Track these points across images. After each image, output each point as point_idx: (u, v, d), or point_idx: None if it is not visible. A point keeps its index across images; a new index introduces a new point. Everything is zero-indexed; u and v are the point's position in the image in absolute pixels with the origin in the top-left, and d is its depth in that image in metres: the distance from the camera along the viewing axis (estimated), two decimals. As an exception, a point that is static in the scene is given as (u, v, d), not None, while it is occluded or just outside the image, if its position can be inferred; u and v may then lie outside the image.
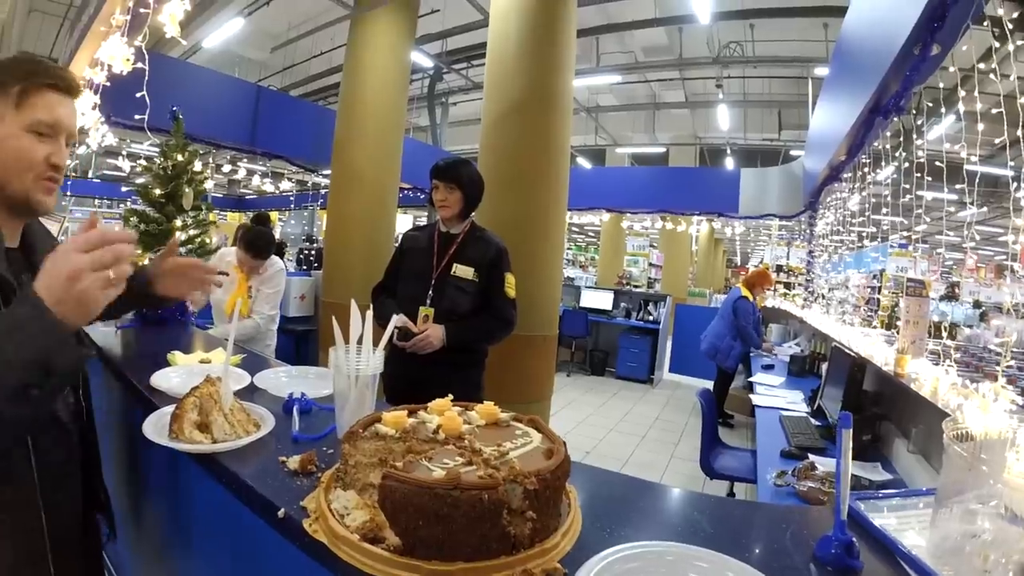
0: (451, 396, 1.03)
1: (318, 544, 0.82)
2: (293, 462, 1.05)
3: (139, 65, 3.46)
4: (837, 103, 5.47)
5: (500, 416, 0.99)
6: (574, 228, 25.32)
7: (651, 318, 9.07)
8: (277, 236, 7.28)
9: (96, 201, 15.54)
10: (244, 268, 3.27)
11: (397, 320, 1.54)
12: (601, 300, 9.57)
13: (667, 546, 0.81)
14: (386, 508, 0.76)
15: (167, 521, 1.57)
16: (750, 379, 5.29)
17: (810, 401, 4.00)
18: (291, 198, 17.22)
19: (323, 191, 14.38)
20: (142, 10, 3.55)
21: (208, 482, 1.18)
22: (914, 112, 4.01)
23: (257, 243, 3.20)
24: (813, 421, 3.47)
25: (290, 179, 16.05)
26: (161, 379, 1.56)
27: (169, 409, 1.24)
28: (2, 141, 1.06)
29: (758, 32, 10.09)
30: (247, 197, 21.89)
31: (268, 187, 15.74)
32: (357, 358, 1.19)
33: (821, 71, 9.20)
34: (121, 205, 13.03)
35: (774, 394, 4.40)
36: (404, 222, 13.76)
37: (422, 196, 11.87)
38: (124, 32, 3.70)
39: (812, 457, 2.69)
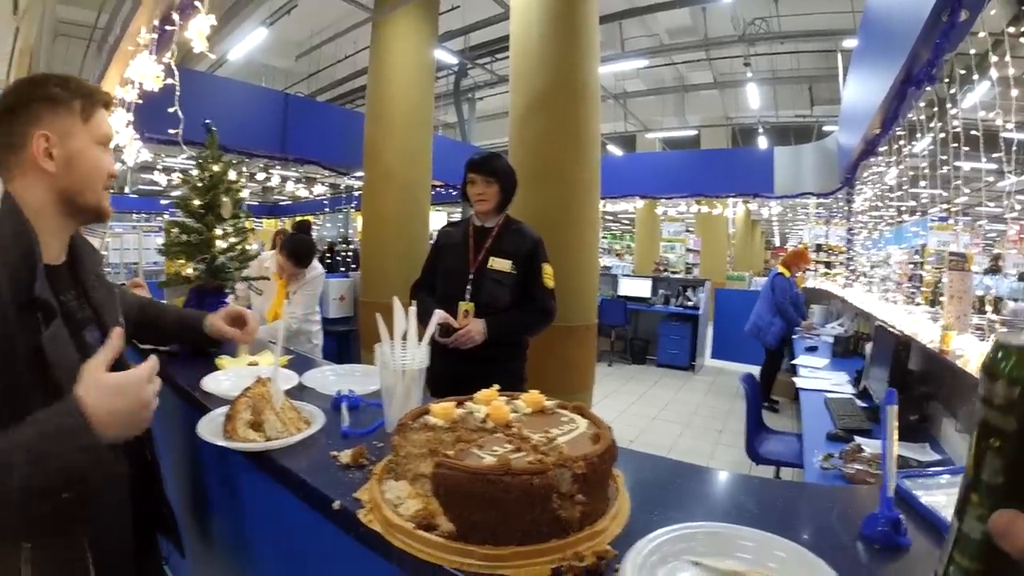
0: (497, 387, 1.04)
1: (373, 533, 0.84)
2: (345, 456, 1.07)
3: (169, 81, 3.55)
4: (868, 75, 5.35)
5: (545, 404, 1.00)
6: (608, 216, 25.15)
7: (690, 304, 8.98)
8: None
9: (134, 215, 15.91)
10: (284, 274, 3.33)
11: (438, 316, 1.55)
12: (639, 288, 9.50)
13: (715, 526, 0.81)
14: (440, 495, 0.77)
15: (223, 524, 1.60)
16: (793, 361, 5.22)
17: (855, 382, 3.95)
18: (325, 202, 17.45)
19: (356, 193, 14.53)
20: (168, 27, 3.63)
21: (262, 481, 1.21)
22: (947, 81, 3.90)
23: (299, 251, 3.28)
24: (859, 403, 3.42)
25: (323, 183, 16.25)
26: (211, 382, 1.59)
27: (221, 411, 1.27)
28: (80, 153, 1.14)
29: (783, 6, 9.87)
30: (281, 203, 22.24)
31: (302, 192, 15.96)
32: (403, 353, 1.21)
33: (850, 43, 8.95)
34: (158, 218, 13.37)
35: (818, 376, 4.35)
36: (437, 219, 13.85)
37: (454, 193, 11.92)
38: (152, 50, 3.79)
39: (858, 439, 2.66)
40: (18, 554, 0.98)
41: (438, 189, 10.67)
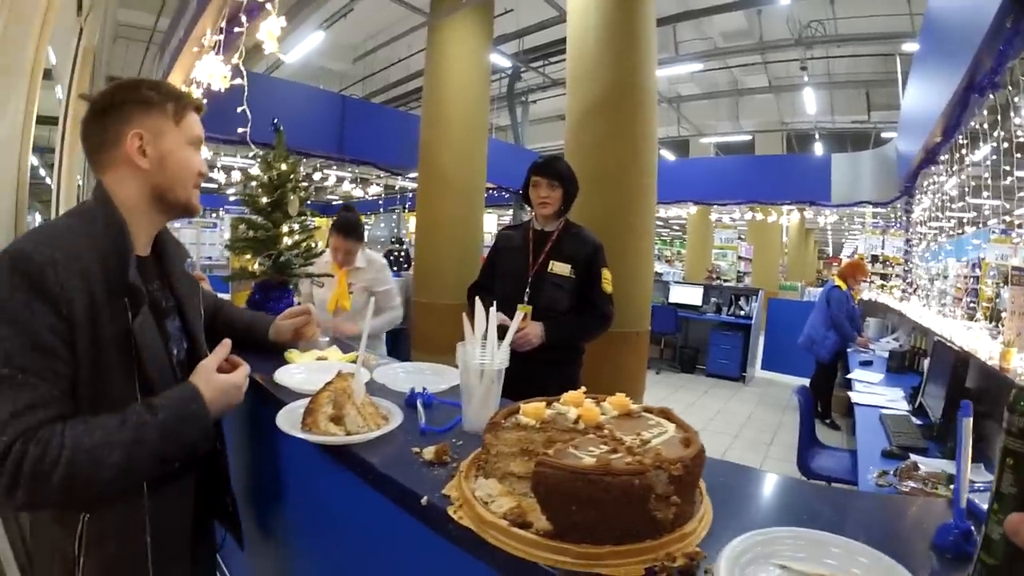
0: (583, 388, 1.04)
1: (464, 530, 0.85)
2: (428, 452, 1.08)
3: (237, 81, 3.64)
4: (929, 81, 5.21)
5: (632, 407, 0.99)
6: (658, 222, 24.88)
7: (743, 313, 8.81)
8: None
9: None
10: (339, 256, 3.38)
11: (495, 318, 1.55)
12: (690, 295, 9.36)
13: (799, 531, 0.82)
14: (539, 493, 0.77)
15: (284, 517, 1.62)
16: (848, 376, 5.10)
17: (911, 399, 3.84)
18: (379, 202, 17.71)
19: (409, 194, 14.71)
20: (236, 29, 3.73)
21: (334, 475, 1.22)
22: (1009, 88, 3.77)
23: (347, 224, 3.35)
24: (914, 420, 3.34)
25: (377, 183, 16.50)
26: (284, 375, 1.62)
27: (300, 403, 1.29)
28: (172, 152, 1.22)
29: (839, 9, 9.66)
30: (334, 203, 22.64)
31: (357, 192, 16.24)
32: (484, 353, 1.22)
33: (909, 47, 8.70)
34: (213, 215, 13.73)
35: (873, 391, 4.25)
36: (488, 222, 13.92)
37: (506, 196, 11.98)
38: (219, 51, 3.89)
39: (914, 457, 2.59)
40: (75, 526, 1.11)
41: (490, 191, 10.75)
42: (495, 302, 1.34)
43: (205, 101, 1.40)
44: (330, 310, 3.40)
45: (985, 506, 0.91)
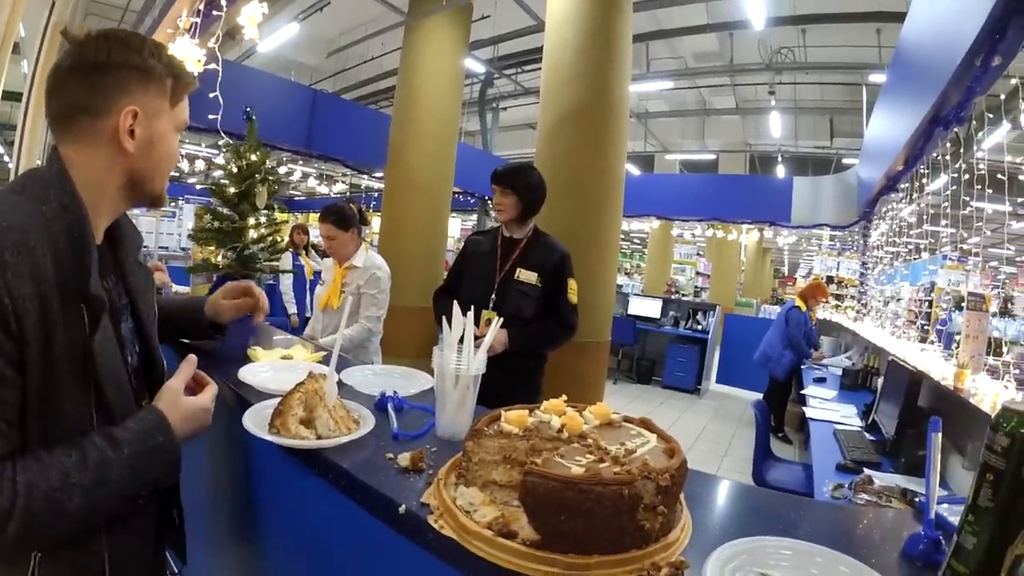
0: (564, 396, 1.04)
1: (445, 540, 0.83)
2: (404, 459, 1.05)
3: (212, 66, 3.56)
4: (895, 113, 5.37)
5: (613, 416, 0.99)
6: (621, 235, 25.11)
7: (700, 327, 8.96)
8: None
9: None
10: (333, 246, 3.23)
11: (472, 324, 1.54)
12: (649, 308, 9.48)
13: (781, 541, 0.84)
14: (527, 503, 0.76)
15: (250, 529, 1.54)
16: (802, 392, 5.23)
17: (864, 415, 3.97)
18: (342, 199, 17.47)
19: (375, 194, 14.57)
20: (214, 12, 3.65)
21: (304, 481, 1.18)
22: (973, 123, 3.91)
23: (326, 208, 3.20)
24: (868, 436, 3.45)
25: (343, 181, 16.31)
26: (248, 374, 1.56)
27: (269, 403, 1.25)
28: (158, 138, 1.04)
29: (810, 37, 9.96)
30: (296, 198, 22.33)
31: (322, 189, 16.02)
32: (458, 358, 1.20)
33: (876, 77, 9.02)
34: (172, 204, 13.34)
35: (827, 407, 4.38)
36: (454, 226, 13.88)
37: (472, 201, 11.96)
38: (194, 34, 3.80)
39: (868, 471, 2.67)
40: (26, 564, 0.93)
41: (456, 196, 10.71)
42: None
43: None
44: (320, 307, 3.30)
45: (951, 518, 0.96)
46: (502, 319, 1.39)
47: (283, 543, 1.37)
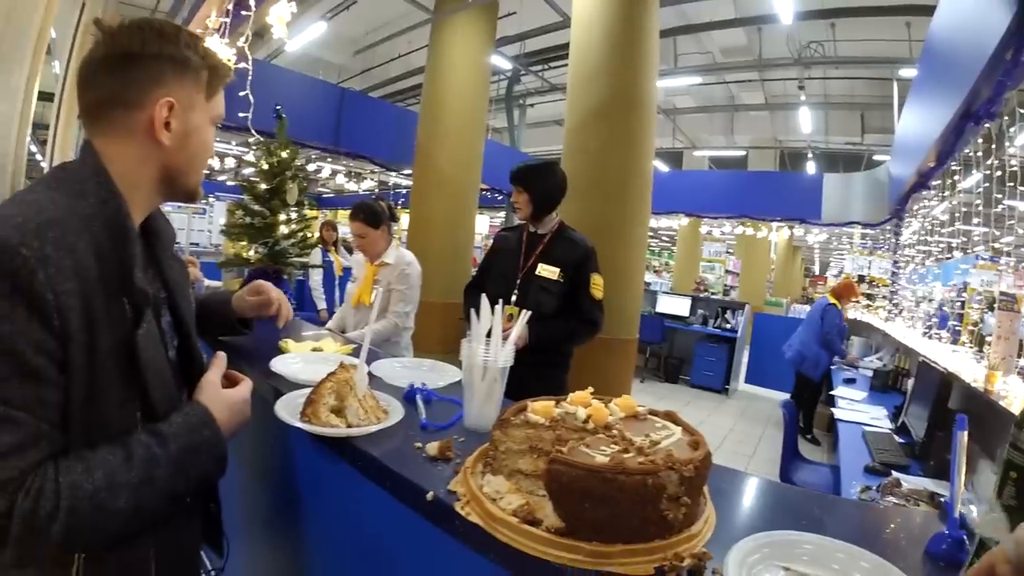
0: (591, 388, 1.05)
1: (471, 527, 0.84)
2: (432, 448, 1.07)
3: (242, 65, 3.61)
4: (926, 108, 5.28)
5: (638, 409, 1.00)
6: (649, 232, 24.90)
7: (728, 326, 8.85)
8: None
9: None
10: (364, 244, 3.24)
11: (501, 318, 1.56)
12: (678, 306, 9.40)
13: (804, 536, 0.84)
14: (552, 490, 0.77)
15: (282, 515, 1.58)
16: (831, 392, 5.16)
17: (893, 417, 3.93)
18: (371, 197, 17.64)
19: (403, 191, 14.68)
20: (243, 12, 3.70)
21: (334, 468, 1.21)
22: (1005, 118, 3.83)
23: (356, 206, 3.21)
24: (897, 438, 3.41)
25: (371, 179, 16.43)
26: (280, 365, 1.59)
27: (300, 393, 1.28)
28: (198, 130, 1.02)
29: (839, 31, 9.79)
30: (324, 195, 22.54)
31: (351, 186, 16.16)
32: (488, 350, 1.22)
33: (906, 72, 8.83)
34: (204, 201, 13.51)
35: (856, 409, 4.34)
36: (481, 223, 13.91)
37: (499, 198, 11.99)
38: (224, 33, 3.87)
39: (896, 474, 2.64)
40: (70, 566, 0.90)
41: (484, 193, 10.74)
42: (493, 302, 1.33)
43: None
44: (352, 304, 3.33)
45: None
46: (530, 312, 1.39)
47: (313, 532, 1.40)
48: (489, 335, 1.25)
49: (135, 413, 0.93)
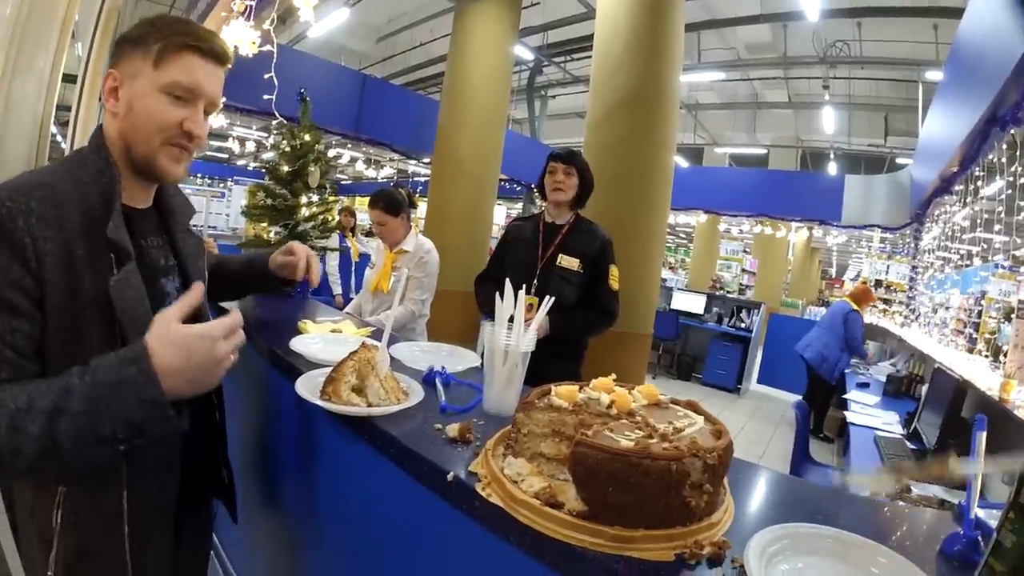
0: (613, 375, 1.04)
1: (492, 508, 0.84)
2: (452, 430, 1.07)
3: (267, 48, 3.62)
4: (951, 111, 5.21)
5: (660, 397, 1.00)
6: (667, 227, 24.79)
7: (743, 325, 8.79)
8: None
9: (198, 179, 16.12)
10: (383, 231, 3.24)
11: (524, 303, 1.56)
12: (693, 303, 9.34)
13: (822, 529, 0.84)
14: (576, 473, 0.77)
15: (300, 492, 1.58)
16: (844, 396, 5.13)
17: (906, 423, 3.90)
18: (389, 184, 17.67)
19: (421, 179, 14.70)
20: (270, -5, 3.70)
21: (352, 448, 1.21)
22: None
23: (375, 194, 3.20)
24: (908, 444, 3.39)
25: (390, 166, 16.47)
26: (300, 344, 1.60)
27: (317, 372, 1.29)
28: (136, 99, 1.04)
29: (865, 31, 9.68)
30: (343, 182, 22.62)
31: (370, 173, 16.20)
32: (509, 335, 1.21)
33: (932, 75, 8.72)
34: (221, 184, 13.58)
35: (869, 413, 4.31)
36: (499, 213, 13.92)
37: (518, 188, 11.96)
38: (249, 16, 3.87)
39: (907, 480, 2.60)
40: (52, 499, 1.00)
41: (503, 183, 10.75)
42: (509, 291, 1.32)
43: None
44: (371, 291, 3.34)
45: (990, 521, 0.94)
46: (553, 298, 1.38)
47: (333, 511, 1.41)
48: (511, 320, 1.24)
49: None
